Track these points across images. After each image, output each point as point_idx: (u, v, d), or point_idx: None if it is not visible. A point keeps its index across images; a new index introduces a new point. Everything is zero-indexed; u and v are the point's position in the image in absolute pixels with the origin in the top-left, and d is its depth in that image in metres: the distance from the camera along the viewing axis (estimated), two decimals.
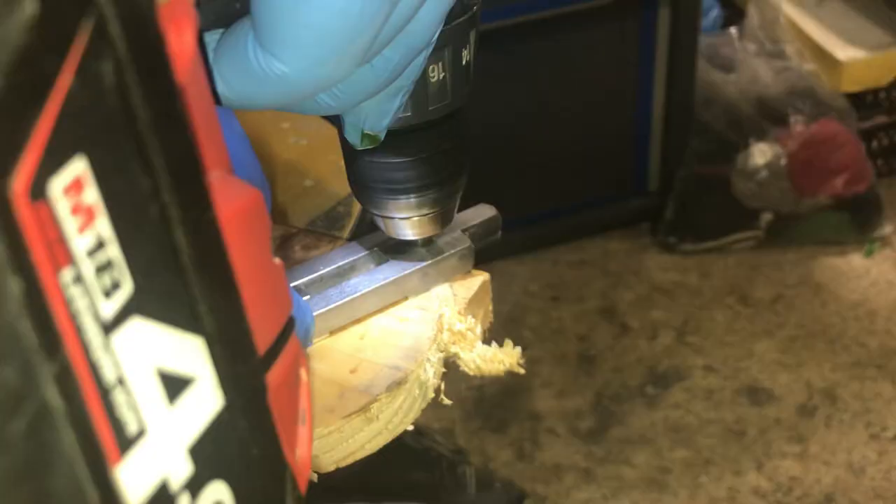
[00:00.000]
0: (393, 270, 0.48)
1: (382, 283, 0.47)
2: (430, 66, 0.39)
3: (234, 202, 0.23)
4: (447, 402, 0.50)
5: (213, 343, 0.21)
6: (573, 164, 1.76)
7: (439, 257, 0.48)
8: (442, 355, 0.48)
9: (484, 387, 1.59)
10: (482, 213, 0.50)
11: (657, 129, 1.76)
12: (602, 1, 1.61)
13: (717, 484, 1.43)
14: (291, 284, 0.47)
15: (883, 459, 1.45)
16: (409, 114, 0.40)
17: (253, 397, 0.23)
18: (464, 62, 0.40)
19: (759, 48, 1.78)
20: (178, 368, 0.20)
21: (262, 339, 0.24)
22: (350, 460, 0.45)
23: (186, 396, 0.20)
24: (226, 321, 0.22)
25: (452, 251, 0.48)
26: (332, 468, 0.44)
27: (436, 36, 0.36)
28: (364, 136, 0.39)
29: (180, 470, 0.20)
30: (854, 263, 1.76)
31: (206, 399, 0.21)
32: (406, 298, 0.49)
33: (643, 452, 1.48)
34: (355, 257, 0.49)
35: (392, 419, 0.45)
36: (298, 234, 0.56)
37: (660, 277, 1.77)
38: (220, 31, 0.32)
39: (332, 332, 0.47)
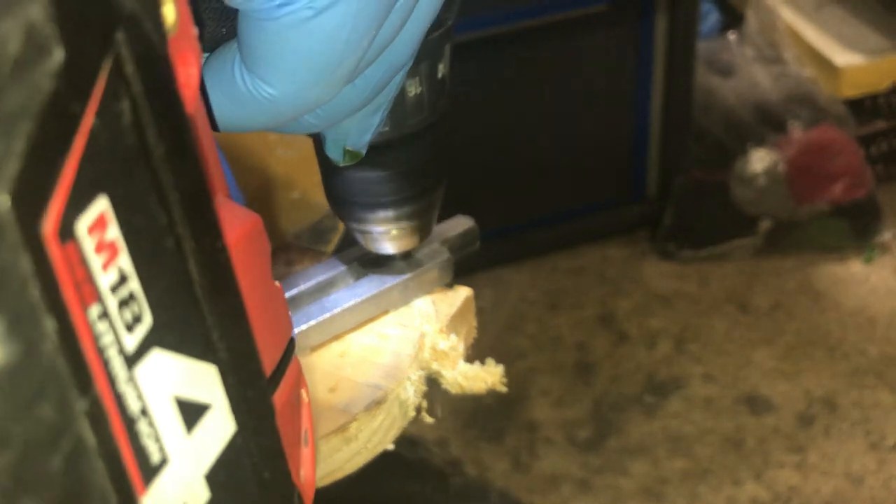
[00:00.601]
0: (373, 285, 0.47)
1: (362, 298, 0.47)
2: (408, 81, 0.39)
3: (237, 228, 0.23)
4: (429, 419, 0.49)
5: (226, 369, 0.22)
6: (571, 170, 1.76)
7: (419, 270, 0.48)
8: (423, 373, 0.47)
9: (480, 396, 1.58)
10: (460, 224, 0.50)
11: (655, 135, 1.76)
12: (599, 7, 1.60)
13: (715, 494, 1.42)
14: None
15: (882, 469, 1.44)
16: (387, 128, 0.40)
17: (262, 420, 0.23)
18: (439, 76, 0.40)
19: (757, 53, 1.78)
20: (194, 396, 0.21)
21: (268, 361, 0.24)
22: (329, 480, 0.44)
23: (203, 423, 0.21)
24: (236, 347, 0.22)
25: (432, 263, 0.48)
26: None
27: (415, 54, 0.36)
28: (346, 152, 0.39)
29: (199, 497, 0.21)
30: (853, 270, 1.75)
31: (220, 425, 0.22)
32: (387, 312, 0.48)
33: (641, 462, 1.47)
34: (334, 272, 0.48)
35: (371, 438, 0.44)
36: (283, 248, 0.55)
37: (658, 284, 1.76)
38: (205, 55, 0.32)
39: (312, 349, 0.47)
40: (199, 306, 0.21)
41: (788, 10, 1.85)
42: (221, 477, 0.21)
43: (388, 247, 0.46)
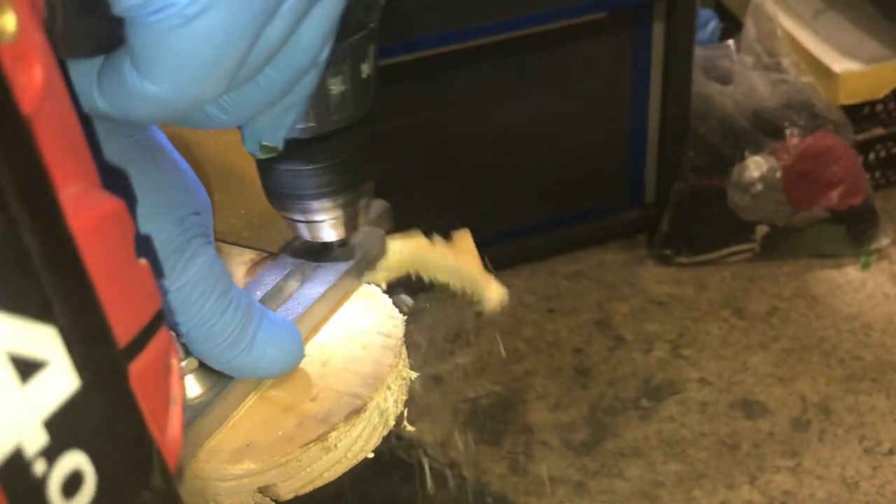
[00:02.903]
0: (329, 274, 0.50)
1: (328, 286, 0.50)
2: (330, 80, 0.42)
3: (91, 211, 0.26)
4: (410, 428, 0.50)
5: (68, 332, 0.25)
6: (569, 175, 1.77)
7: (364, 251, 0.51)
8: (404, 382, 0.48)
9: (478, 399, 1.59)
10: (377, 206, 0.53)
11: (653, 141, 1.77)
12: (598, 15, 1.61)
13: (710, 498, 1.43)
14: None
15: (877, 474, 1.45)
16: (313, 124, 0.43)
17: (113, 381, 0.27)
18: (364, 75, 0.42)
19: (755, 61, 1.78)
20: (28, 353, 0.24)
21: (124, 330, 0.27)
22: (309, 488, 0.45)
23: (39, 377, 0.24)
24: (80, 314, 0.25)
25: (371, 243, 0.52)
26: (290, 496, 0.44)
27: (322, 56, 0.38)
28: (262, 147, 0.41)
29: (35, 439, 0.24)
30: (850, 276, 1.76)
31: (59, 380, 0.25)
32: (348, 296, 0.51)
33: (636, 465, 1.48)
34: (286, 271, 0.51)
35: (351, 448, 0.45)
36: (270, 258, 0.56)
37: (655, 290, 1.77)
38: (103, 56, 0.35)
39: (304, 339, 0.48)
40: (37, 276, 0.24)
41: (787, 18, 1.85)
42: (62, 425, 0.25)
43: (326, 235, 0.48)
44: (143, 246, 0.37)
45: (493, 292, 0.54)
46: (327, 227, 0.48)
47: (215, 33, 0.32)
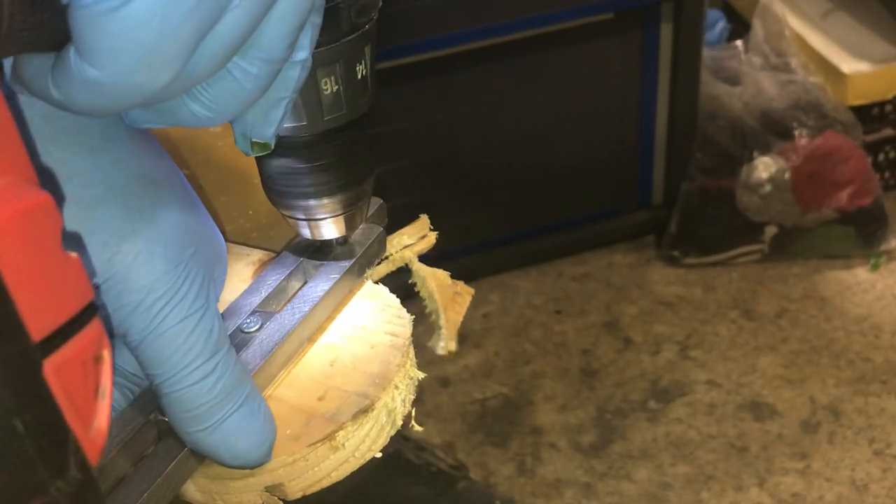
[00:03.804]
0: (332, 272, 0.50)
1: (333, 283, 0.49)
2: (323, 79, 0.42)
3: (14, 204, 0.27)
4: (418, 428, 0.50)
5: None
6: (577, 177, 1.76)
7: (364, 248, 0.52)
8: (412, 382, 0.48)
9: (486, 400, 1.59)
10: (373, 203, 0.53)
11: (661, 142, 1.76)
12: (606, 16, 1.61)
13: (718, 500, 1.43)
14: (254, 308, 0.48)
15: (887, 476, 1.44)
16: (304, 123, 0.43)
17: (22, 372, 0.27)
18: (359, 76, 0.43)
19: (764, 61, 1.78)
20: None
21: (43, 324, 0.28)
22: (316, 488, 0.45)
23: None
24: None
25: (371, 240, 0.52)
26: (297, 496, 0.44)
27: (304, 53, 0.38)
28: (253, 144, 0.41)
29: None
30: (859, 277, 1.75)
31: None
32: (353, 294, 0.51)
33: (644, 467, 1.48)
34: (289, 270, 0.51)
35: (359, 447, 0.45)
36: (275, 258, 0.56)
37: (663, 291, 1.76)
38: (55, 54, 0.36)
39: (310, 342, 0.48)
40: None
41: (795, 18, 1.85)
42: None
43: (326, 233, 0.49)
44: (73, 241, 0.38)
45: (449, 343, 0.54)
46: (327, 225, 0.48)
47: (152, 18, 0.31)
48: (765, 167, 1.71)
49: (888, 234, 1.77)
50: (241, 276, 0.53)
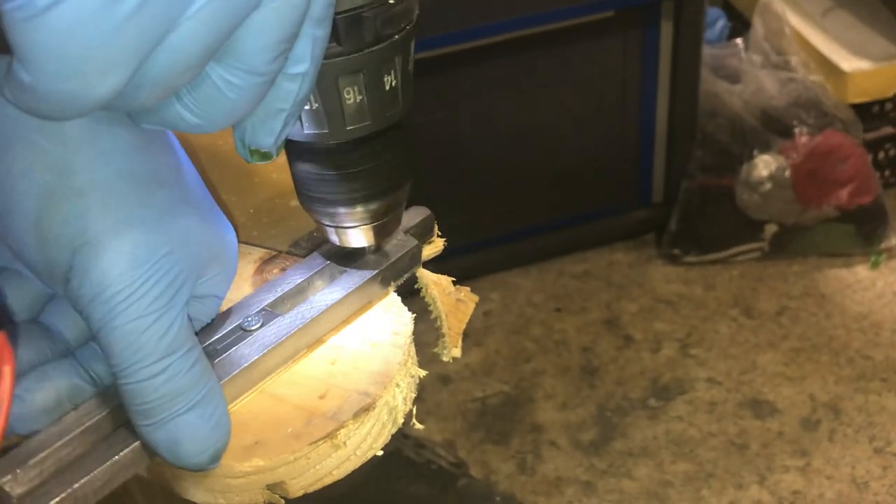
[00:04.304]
0: (352, 280, 0.49)
1: (347, 292, 0.49)
2: (346, 88, 0.41)
3: None
4: (419, 426, 0.50)
5: None
6: (577, 175, 1.77)
7: (392, 260, 0.50)
8: (413, 380, 0.48)
9: (487, 398, 1.59)
10: (418, 214, 0.53)
11: (661, 140, 1.76)
12: (606, 14, 1.61)
13: (718, 498, 1.43)
14: (263, 306, 0.48)
15: (887, 474, 1.45)
16: (326, 130, 0.42)
17: None
18: (387, 87, 0.42)
19: (764, 59, 1.78)
20: None
21: None
22: (318, 486, 0.45)
23: None
24: None
25: (402, 253, 0.51)
26: (299, 494, 0.44)
27: (304, 66, 0.37)
28: (252, 151, 0.41)
29: None
30: (860, 275, 1.76)
31: None
32: (371, 304, 0.50)
33: (645, 465, 1.48)
34: (311, 272, 0.50)
35: (360, 445, 0.45)
36: (278, 256, 0.56)
37: (664, 289, 1.76)
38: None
39: (308, 347, 0.48)
40: None
41: (795, 16, 1.85)
42: None
43: (353, 241, 0.48)
44: None
45: (452, 350, 0.54)
46: (355, 233, 0.47)
47: (79, 27, 0.31)
48: (765, 165, 1.71)
49: (888, 232, 1.77)
50: (241, 274, 0.53)
